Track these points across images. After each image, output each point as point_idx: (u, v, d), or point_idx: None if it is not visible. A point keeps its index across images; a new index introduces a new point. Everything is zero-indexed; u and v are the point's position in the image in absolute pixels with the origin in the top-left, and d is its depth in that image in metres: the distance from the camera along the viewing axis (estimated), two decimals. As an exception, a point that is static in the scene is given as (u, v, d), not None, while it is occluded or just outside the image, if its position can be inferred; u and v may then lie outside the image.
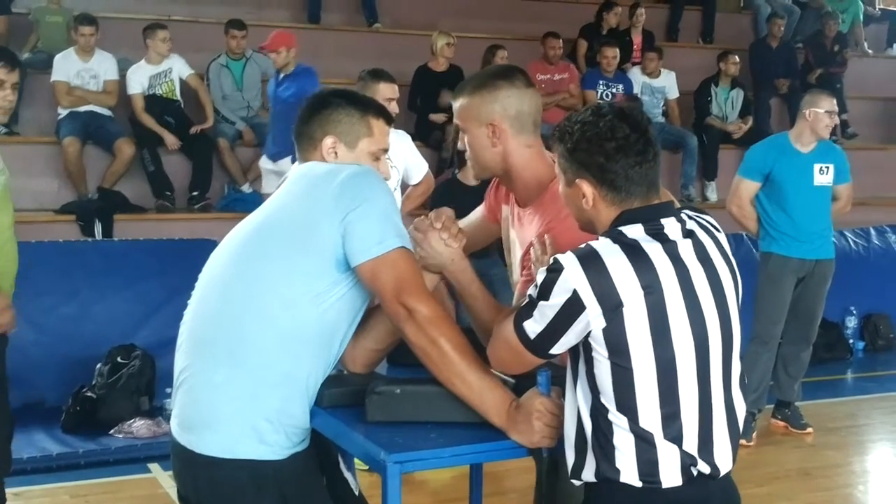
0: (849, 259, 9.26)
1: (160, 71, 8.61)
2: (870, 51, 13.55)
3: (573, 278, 2.22)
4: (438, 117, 9.13)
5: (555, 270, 2.25)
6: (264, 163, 8.05)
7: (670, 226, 2.33)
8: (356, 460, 3.09)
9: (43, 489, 5.48)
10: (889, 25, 14.08)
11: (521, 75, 2.92)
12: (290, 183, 2.74)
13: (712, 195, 10.56)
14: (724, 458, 2.33)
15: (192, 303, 2.71)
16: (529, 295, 2.32)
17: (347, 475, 2.91)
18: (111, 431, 6.09)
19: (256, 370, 2.54)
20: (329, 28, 10.87)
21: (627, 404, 2.25)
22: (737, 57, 10.77)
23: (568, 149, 2.38)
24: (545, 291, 2.26)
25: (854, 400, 7.73)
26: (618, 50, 10.32)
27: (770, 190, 6.22)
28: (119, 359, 6.43)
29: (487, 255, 5.41)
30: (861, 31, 13.46)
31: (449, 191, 6.26)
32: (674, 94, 10.70)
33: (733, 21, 13.03)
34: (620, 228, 2.31)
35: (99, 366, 6.37)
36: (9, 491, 5.19)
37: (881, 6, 14.59)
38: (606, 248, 2.26)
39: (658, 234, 2.30)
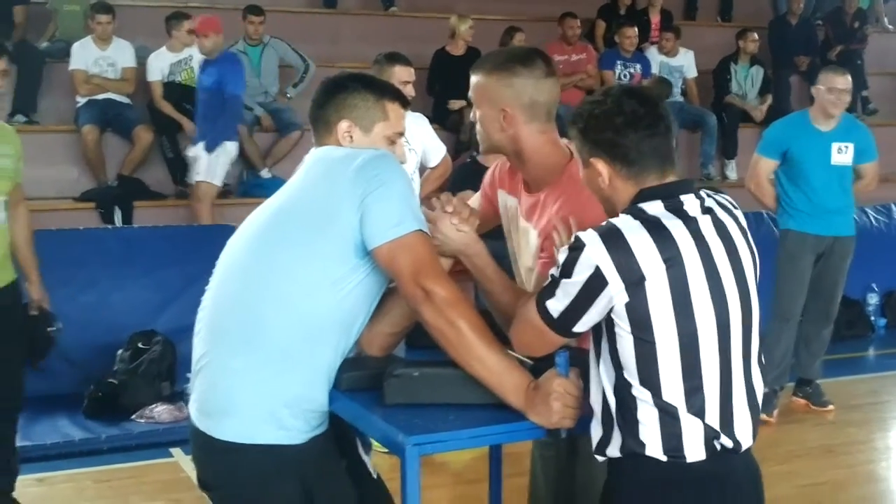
0: (870, 236, 9.19)
1: (181, 58, 8.63)
2: (890, 27, 13.42)
3: (595, 255, 2.24)
4: (456, 102, 9.11)
5: (576, 248, 2.27)
6: (189, 149, 8.11)
7: (689, 202, 2.35)
8: (375, 443, 3.10)
9: (66, 474, 5.52)
10: (910, 1, 13.95)
11: (541, 62, 2.85)
12: (306, 167, 2.74)
13: (732, 174, 10.52)
14: (744, 433, 2.35)
15: (210, 289, 2.71)
16: (551, 275, 2.33)
17: (365, 458, 2.92)
18: (133, 416, 6.13)
19: (275, 356, 2.55)
20: (346, 12, 10.86)
21: (651, 379, 2.27)
22: (756, 34, 10.70)
23: (580, 129, 2.41)
24: (567, 269, 2.28)
25: (876, 377, 7.70)
26: (636, 29, 10.28)
27: (788, 167, 6.21)
28: (140, 345, 6.46)
29: (503, 235, 5.39)
30: (881, 6, 13.34)
31: (468, 173, 6.24)
32: (692, 73, 10.65)
33: (752, -2, 12.94)
34: (640, 205, 2.33)
35: (120, 352, 6.41)
36: (32, 476, 5.26)
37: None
38: (627, 224, 2.28)
39: (678, 210, 2.32)
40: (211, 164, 7.84)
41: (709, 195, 2.43)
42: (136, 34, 8.91)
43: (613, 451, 2.36)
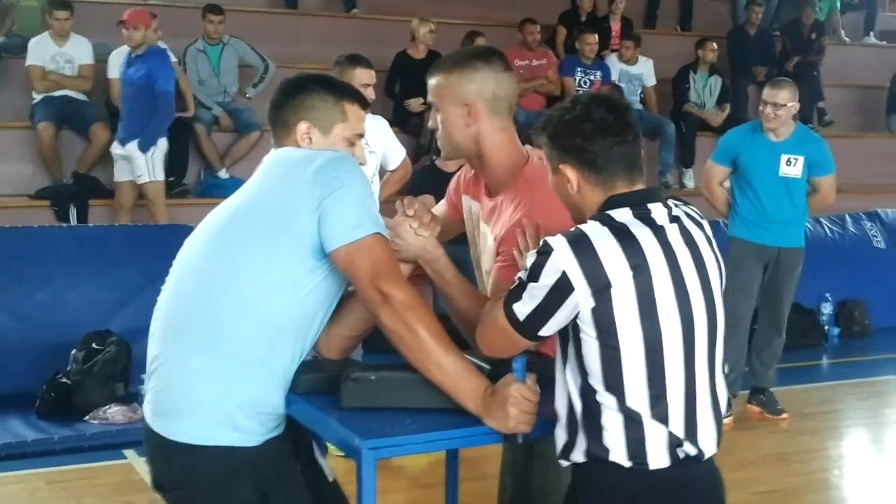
0: (824, 246, 9.31)
1: (141, 56, 8.55)
2: (847, 39, 13.60)
3: (562, 260, 2.25)
4: (416, 104, 9.11)
5: (544, 253, 2.28)
6: (115, 148, 7.92)
7: (657, 210, 2.36)
8: (331, 447, 3.09)
9: (18, 475, 5.45)
10: (866, 13, 14.12)
11: (499, 58, 2.90)
12: (265, 168, 2.72)
13: (689, 182, 10.59)
14: (708, 442, 2.36)
15: (165, 289, 2.69)
16: (519, 278, 2.34)
17: (321, 461, 2.91)
18: (86, 417, 6.06)
19: (231, 357, 2.53)
20: (307, 13, 10.84)
21: (615, 384, 2.28)
22: (715, 44, 10.80)
23: (549, 135, 2.42)
24: (535, 273, 2.29)
25: (829, 385, 7.78)
26: (597, 36, 10.33)
27: (737, 176, 6.31)
28: (94, 345, 6.39)
29: (464, 240, 5.39)
30: (838, 18, 13.51)
31: (427, 177, 6.25)
32: (651, 81, 10.73)
33: (711, 8, 13.05)
34: (609, 212, 2.34)
35: (74, 352, 6.33)
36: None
37: (858, -6, 14.65)
38: (595, 231, 2.29)
39: (645, 217, 2.33)
40: (150, 163, 7.75)
41: (676, 205, 2.45)
42: (93, 31, 8.82)
43: (578, 455, 2.36)
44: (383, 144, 5.80)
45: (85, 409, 6.11)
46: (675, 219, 2.37)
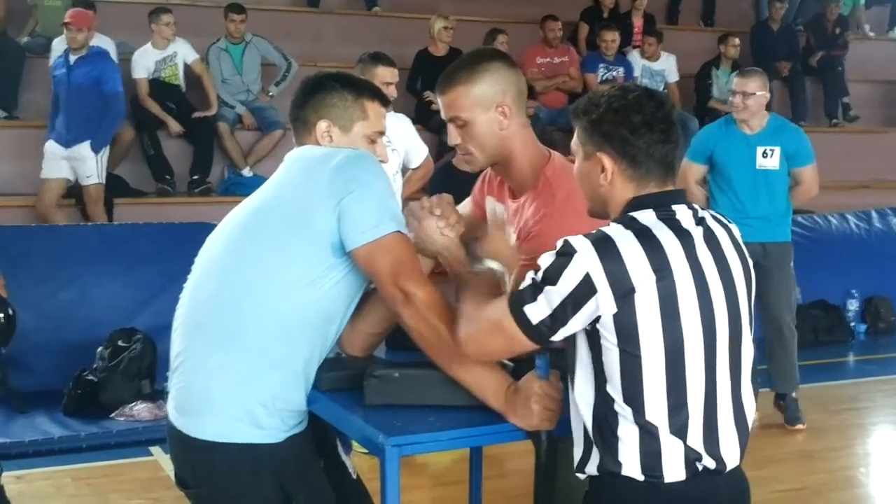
0: (850, 242, 9.27)
1: (165, 55, 8.62)
2: (871, 33, 13.50)
3: (586, 261, 2.19)
4: (431, 95, 9.10)
5: (566, 254, 2.22)
6: (54, 148, 7.77)
7: (682, 212, 2.31)
8: (355, 444, 3.10)
9: (45, 472, 5.48)
10: (891, 8, 14.02)
11: (505, 55, 2.91)
12: (285, 167, 2.73)
13: (714, 178, 10.54)
14: (730, 453, 2.30)
15: (188, 286, 2.70)
16: (532, 278, 2.26)
17: (345, 458, 2.92)
18: (112, 414, 6.10)
19: (252, 355, 2.54)
20: (329, 12, 10.85)
21: (634, 393, 2.22)
22: (737, 39, 10.75)
23: (592, 120, 2.35)
24: (553, 275, 2.21)
25: (855, 382, 7.73)
26: (617, 34, 10.30)
27: (714, 173, 6.17)
28: (120, 342, 6.43)
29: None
30: (862, 13, 13.42)
31: (447, 175, 6.24)
32: (674, 77, 10.69)
33: (734, 4, 12.98)
34: (632, 214, 2.29)
35: (100, 349, 6.37)
36: (11, 474, 5.22)
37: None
38: (619, 234, 2.24)
39: (670, 219, 2.28)
40: (99, 164, 7.75)
41: (704, 208, 2.41)
42: (117, 30, 8.87)
43: (592, 468, 2.31)
44: (406, 142, 5.81)
45: (111, 406, 6.14)
46: (700, 221, 2.32)
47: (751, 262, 2.40)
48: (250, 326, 2.54)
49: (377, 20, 10.72)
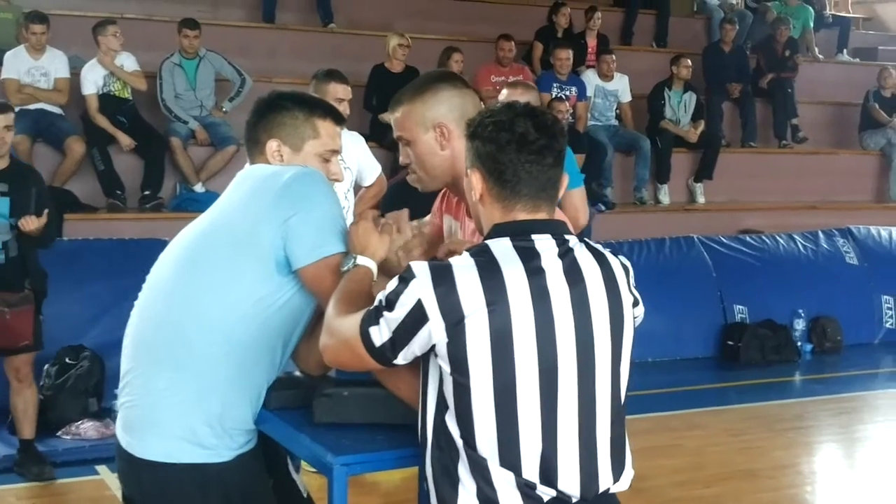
0: (798, 262, 9.40)
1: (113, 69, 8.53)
2: (820, 56, 13.72)
3: (419, 288, 2.17)
4: (385, 116, 9.10)
5: (404, 280, 2.20)
6: None
7: (542, 242, 2.24)
8: (304, 462, 3.09)
9: (-11, 490, 5.42)
10: (839, 31, 14.26)
11: (458, 77, 2.90)
12: (234, 185, 2.72)
13: (665, 198, 10.66)
14: (570, 485, 2.21)
15: (137, 305, 2.70)
16: (379, 299, 2.24)
17: (295, 477, 2.91)
18: (59, 433, 6.03)
19: (198, 376, 2.54)
20: (284, 28, 10.84)
21: (466, 424, 2.19)
22: (689, 60, 10.87)
23: (468, 134, 2.32)
24: (393, 299, 2.20)
25: (802, 401, 7.82)
26: (571, 52, 10.37)
27: None
28: (67, 360, 6.36)
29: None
30: (812, 36, 13.62)
31: (400, 193, 6.24)
32: (627, 97, 10.79)
33: (687, 25, 13.15)
34: (487, 242, 2.24)
35: (47, 367, 6.30)
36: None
37: (832, 12, 14.77)
38: (461, 262, 2.20)
39: (524, 249, 2.22)
40: None
41: (584, 242, 2.32)
42: (69, 44, 8.80)
43: (434, 501, 2.27)
44: (358, 160, 5.81)
45: (58, 424, 6.07)
46: (566, 253, 2.25)
47: (627, 298, 2.31)
48: (196, 347, 2.53)
49: (332, 36, 10.73)
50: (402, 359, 2.24)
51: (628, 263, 2.39)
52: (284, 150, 2.73)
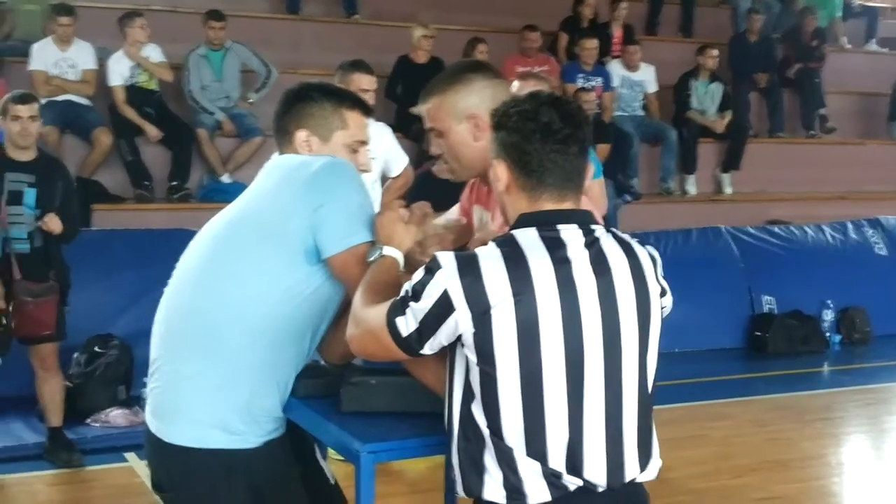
0: (826, 253, 9.35)
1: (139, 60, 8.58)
2: (848, 45, 13.60)
3: (446, 279, 2.17)
4: (420, 109, 9.09)
5: (430, 270, 2.21)
6: None
7: (569, 232, 2.25)
8: (330, 451, 3.10)
9: (18, 478, 5.47)
10: (867, 20, 14.13)
11: (489, 67, 2.89)
12: (264, 175, 2.74)
13: (692, 189, 10.61)
14: (597, 474, 2.22)
15: (166, 293, 2.72)
16: (405, 290, 2.25)
17: (323, 464, 2.92)
18: (88, 420, 6.08)
19: (226, 363, 2.56)
20: (308, 19, 10.85)
21: (493, 415, 2.20)
22: (716, 51, 10.81)
23: (493, 125, 2.33)
24: (419, 290, 2.21)
25: (830, 392, 7.78)
26: (597, 41, 10.34)
27: None
28: (96, 348, 6.42)
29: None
30: (840, 25, 13.51)
31: (426, 184, 6.24)
32: (653, 87, 10.74)
33: (713, 15, 13.06)
34: (513, 232, 2.25)
35: (76, 355, 6.36)
36: (-16, 480, 5.20)
37: (860, 1, 14.65)
38: (487, 253, 2.20)
39: (551, 239, 2.22)
40: None
41: (611, 231, 2.32)
42: (96, 35, 8.84)
43: (459, 489, 2.28)
44: (385, 151, 5.81)
45: (87, 412, 6.13)
46: (592, 243, 2.25)
47: (654, 288, 2.31)
48: (224, 336, 2.55)
49: (357, 27, 10.73)
50: (428, 349, 2.24)
51: (656, 253, 2.39)
52: (313, 140, 2.75)
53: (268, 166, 2.77)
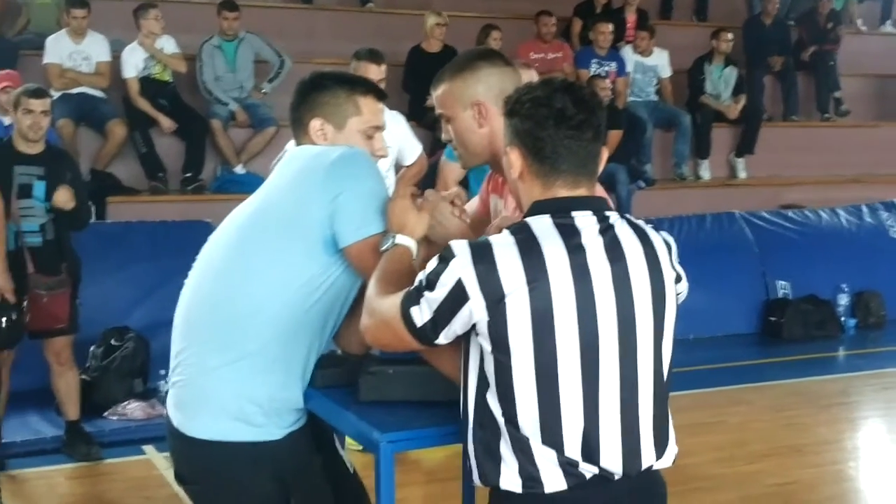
0: (841, 236, 9.32)
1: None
2: (863, 28, 13.53)
3: (460, 267, 2.17)
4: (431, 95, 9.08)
5: (444, 259, 2.20)
6: None
7: (583, 219, 2.23)
8: (349, 440, 3.12)
9: (38, 472, 5.50)
10: (883, 2, 14.05)
11: (498, 55, 2.90)
12: (283, 165, 2.76)
13: (705, 174, 10.58)
14: (613, 462, 2.22)
15: (187, 286, 2.73)
16: (419, 279, 2.24)
17: (342, 453, 2.94)
18: (105, 413, 6.11)
19: (248, 355, 2.57)
20: (322, 8, 10.85)
21: (508, 404, 2.19)
22: (730, 34, 10.76)
23: (506, 112, 2.32)
24: (433, 279, 2.20)
25: (845, 377, 7.76)
26: (611, 26, 10.31)
27: (472, 173, 5.72)
28: (113, 341, 6.45)
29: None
30: (855, 7, 13.44)
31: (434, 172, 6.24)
32: (667, 72, 10.69)
33: (727, -1, 13.01)
34: (527, 220, 2.24)
35: (93, 348, 6.39)
36: (4, 474, 5.24)
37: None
38: (500, 240, 2.19)
39: (565, 226, 2.21)
40: None
41: (625, 217, 2.30)
42: (110, 27, 8.85)
43: (476, 478, 2.29)
44: (399, 140, 5.81)
45: (104, 405, 6.16)
46: (607, 230, 2.24)
47: (669, 275, 2.30)
48: (246, 328, 2.57)
49: (370, 16, 10.72)
50: (443, 338, 2.24)
51: (671, 239, 2.37)
52: (328, 128, 2.76)
53: (286, 157, 2.79)
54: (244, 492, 2.62)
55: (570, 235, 2.20)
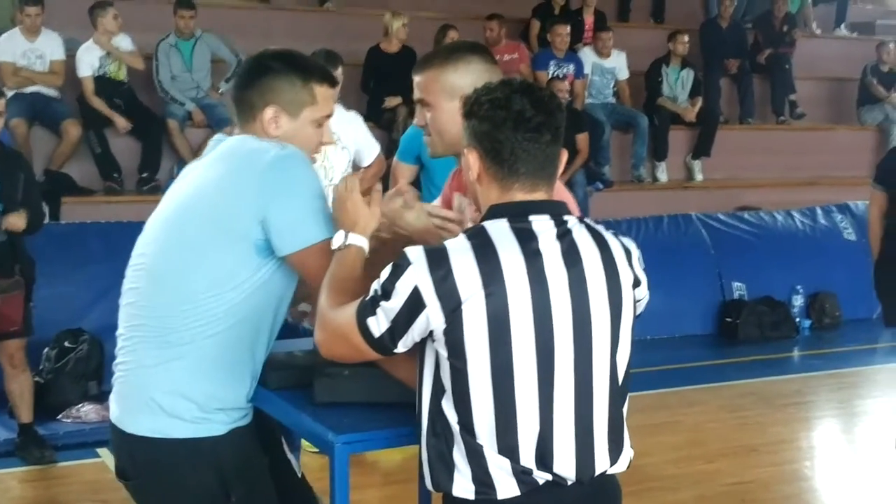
0: (796, 238, 9.41)
1: (109, 51, 8.50)
2: (818, 31, 13.68)
3: (416, 274, 2.14)
4: (392, 100, 9.09)
5: (400, 267, 2.17)
6: None
7: (540, 223, 2.22)
8: (305, 443, 3.10)
9: (-10, 474, 5.43)
10: (837, 5, 14.21)
11: (488, 52, 2.88)
12: (217, 158, 2.66)
13: (662, 176, 10.64)
14: (566, 468, 2.20)
15: (125, 284, 2.69)
16: (374, 289, 2.21)
17: (290, 457, 2.91)
18: (59, 416, 6.04)
19: (184, 354, 2.55)
20: (280, 8, 10.81)
21: (463, 411, 2.18)
22: (686, 37, 10.83)
23: (464, 113, 2.29)
24: (389, 288, 2.17)
25: (800, 377, 7.82)
26: (569, 27, 10.34)
27: (424, 172, 5.82)
28: (66, 343, 6.37)
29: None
30: (810, 11, 13.59)
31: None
32: (624, 74, 10.76)
33: (684, 1, 13.09)
34: (484, 224, 2.22)
35: (46, 350, 6.31)
36: (-45, 477, 5.15)
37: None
38: (456, 246, 2.17)
39: (522, 230, 2.19)
40: None
41: (583, 222, 2.29)
42: (65, 25, 8.76)
43: (428, 483, 2.28)
44: (357, 140, 5.77)
45: (58, 407, 6.08)
46: (564, 234, 2.22)
47: (627, 280, 2.28)
48: (180, 327, 2.54)
49: (328, 16, 10.69)
50: (402, 347, 2.22)
51: (632, 245, 2.36)
52: (282, 116, 2.66)
53: (220, 148, 2.68)
54: (184, 487, 2.60)
55: (526, 240, 2.19)
